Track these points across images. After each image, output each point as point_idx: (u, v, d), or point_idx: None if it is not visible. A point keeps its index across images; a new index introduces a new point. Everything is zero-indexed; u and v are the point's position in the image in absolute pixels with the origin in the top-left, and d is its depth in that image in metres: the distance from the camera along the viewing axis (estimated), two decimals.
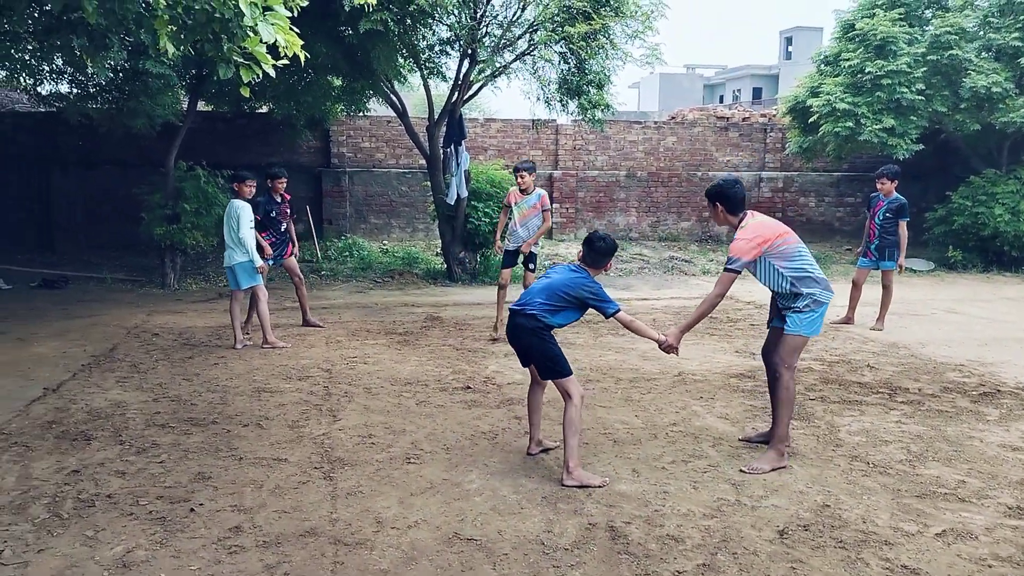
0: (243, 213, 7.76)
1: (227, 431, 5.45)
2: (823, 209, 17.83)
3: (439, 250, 14.86)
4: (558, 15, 9.78)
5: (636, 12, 10.06)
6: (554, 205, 16.51)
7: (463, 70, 11.29)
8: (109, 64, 8.01)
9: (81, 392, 6.35)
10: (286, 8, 5.45)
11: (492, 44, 10.64)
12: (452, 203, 11.88)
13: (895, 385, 6.67)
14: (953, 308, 10.54)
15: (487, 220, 12.16)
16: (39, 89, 11.36)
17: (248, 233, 7.79)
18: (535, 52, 10.64)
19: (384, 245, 15.36)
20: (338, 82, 12.31)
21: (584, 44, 9.81)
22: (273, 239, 8.51)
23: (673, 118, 19.80)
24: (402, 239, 15.95)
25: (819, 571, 3.57)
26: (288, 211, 8.79)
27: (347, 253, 14.39)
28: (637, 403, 6.16)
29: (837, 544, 3.83)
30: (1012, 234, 13.63)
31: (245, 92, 5.64)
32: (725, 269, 4.78)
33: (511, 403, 6.13)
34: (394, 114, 15.32)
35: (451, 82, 11.88)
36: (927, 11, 14.63)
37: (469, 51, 10.89)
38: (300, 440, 5.29)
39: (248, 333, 8.35)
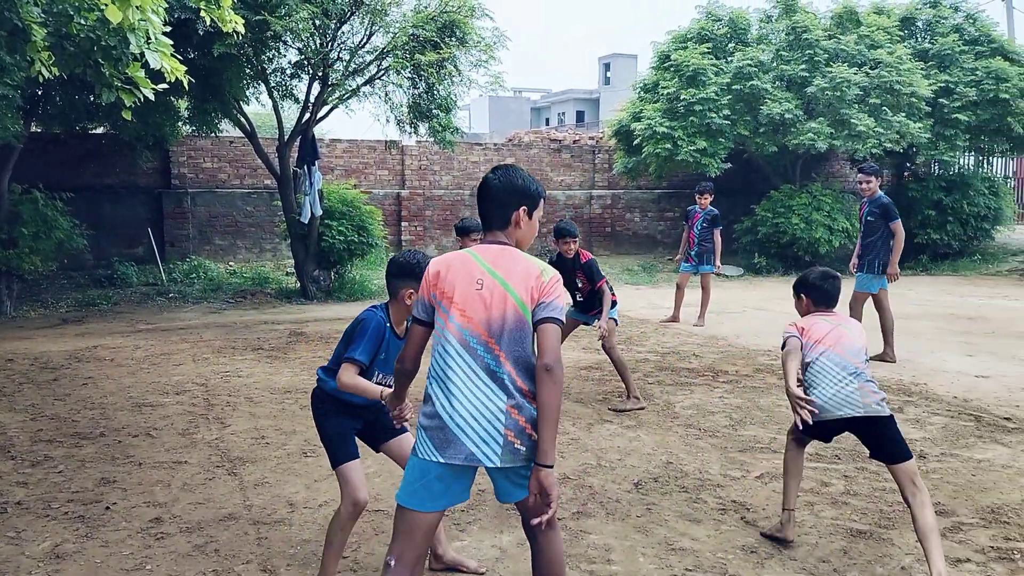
0: None
1: (118, 442, 5.66)
2: (647, 223, 19.43)
3: (289, 269, 15.05)
4: (408, 43, 10.43)
5: (479, 42, 10.90)
6: (403, 224, 17.08)
7: (314, 92, 11.69)
8: None
9: None
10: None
11: (343, 68, 11.13)
12: (306, 222, 12.18)
13: (717, 369, 7.78)
14: (760, 306, 12.05)
15: (341, 238, 12.55)
16: None
17: None
18: (385, 77, 11.23)
19: (231, 266, 15.33)
20: (184, 103, 12.33)
21: (433, 71, 10.53)
22: None
23: (511, 140, 20.91)
24: (249, 259, 15.95)
25: (668, 510, 4.40)
26: None
27: (193, 275, 14.28)
28: None
29: (680, 489, 4.69)
30: (806, 240, 15.56)
31: (127, 115, 5.88)
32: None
33: None
34: (237, 134, 15.38)
35: (301, 104, 12.23)
36: (730, 44, 16.49)
37: (320, 74, 11.31)
38: (195, 445, 5.59)
39: None
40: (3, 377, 7.62)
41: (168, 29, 6.14)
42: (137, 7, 4.87)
